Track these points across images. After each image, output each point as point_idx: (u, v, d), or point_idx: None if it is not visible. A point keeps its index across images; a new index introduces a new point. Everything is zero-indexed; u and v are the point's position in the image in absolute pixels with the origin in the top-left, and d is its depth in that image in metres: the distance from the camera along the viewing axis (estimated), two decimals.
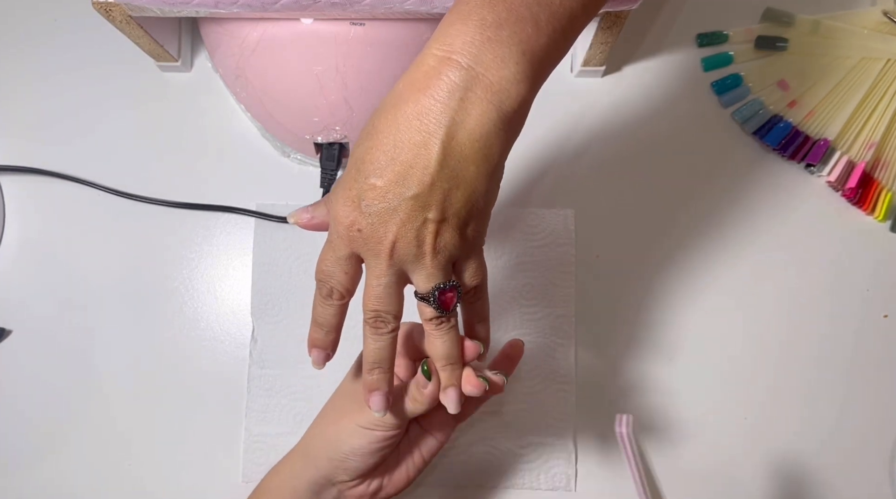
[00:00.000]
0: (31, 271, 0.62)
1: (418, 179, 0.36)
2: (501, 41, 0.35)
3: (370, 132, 0.37)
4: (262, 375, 0.60)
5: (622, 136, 0.64)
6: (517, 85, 0.36)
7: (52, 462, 0.59)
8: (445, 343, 0.41)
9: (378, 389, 0.41)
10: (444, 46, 0.36)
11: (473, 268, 0.41)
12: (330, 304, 0.41)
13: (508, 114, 0.36)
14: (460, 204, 0.37)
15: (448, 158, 0.36)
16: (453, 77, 0.35)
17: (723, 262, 0.62)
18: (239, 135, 0.64)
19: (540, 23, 0.36)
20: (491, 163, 0.37)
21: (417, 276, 0.39)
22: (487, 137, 0.36)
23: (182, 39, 0.63)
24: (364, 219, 0.37)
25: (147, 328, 0.61)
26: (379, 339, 0.40)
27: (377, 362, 0.41)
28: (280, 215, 0.61)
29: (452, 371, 0.42)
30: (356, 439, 0.45)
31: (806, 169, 0.64)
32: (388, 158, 0.36)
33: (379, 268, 0.38)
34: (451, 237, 0.38)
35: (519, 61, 0.36)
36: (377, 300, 0.39)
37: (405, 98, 0.36)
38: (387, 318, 0.40)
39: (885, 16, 0.65)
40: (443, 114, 0.35)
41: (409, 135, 0.35)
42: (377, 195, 0.36)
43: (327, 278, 0.40)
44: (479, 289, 0.42)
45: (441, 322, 0.40)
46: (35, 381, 0.61)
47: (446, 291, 0.39)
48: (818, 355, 0.61)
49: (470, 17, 0.36)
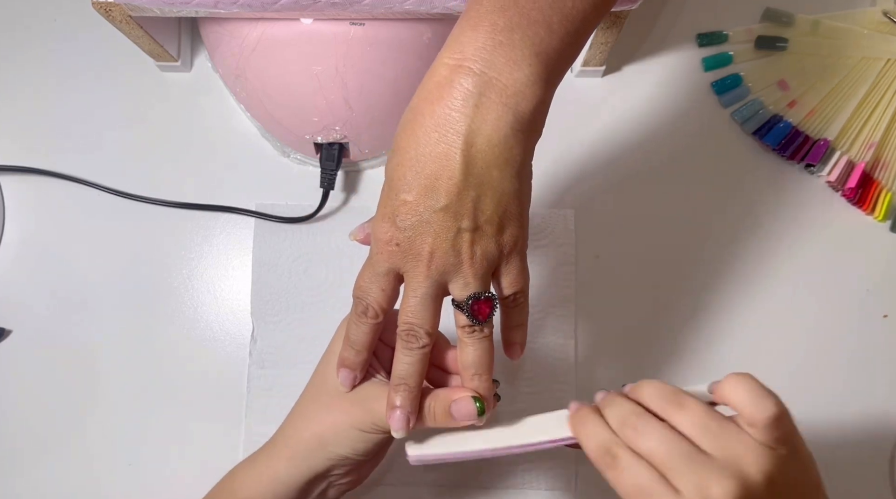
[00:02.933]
0: (31, 271, 0.62)
1: (445, 189, 0.36)
2: (514, 45, 0.35)
3: (395, 150, 0.37)
4: (262, 374, 0.60)
5: (622, 136, 0.64)
6: (531, 87, 0.36)
7: (52, 462, 0.59)
8: (477, 351, 0.40)
9: (401, 408, 0.40)
10: (455, 54, 0.36)
11: (514, 274, 0.40)
12: (364, 322, 0.41)
13: (525, 116, 0.36)
14: (491, 210, 0.37)
15: (471, 166, 0.36)
16: (466, 84, 0.35)
17: (722, 262, 0.62)
18: (239, 135, 0.64)
19: (552, 25, 0.36)
20: (514, 166, 0.37)
21: (455, 284, 0.39)
22: (506, 140, 0.36)
23: (182, 39, 0.63)
24: (401, 234, 0.37)
25: (147, 328, 0.61)
26: (410, 353, 0.40)
27: (404, 378, 0.40)
28: (280, 215, 0.61)
29: (481, 381, 0.41)
30: (359, 443, 0.43)
31: (806, 169, 0.63)
32: (414, 172, 0.36)
33: (417, 279, 0.38)
34: (488, 245, 0.38)
35: (532, 63, 0.35)
36: (412, 313, 0.39)
37: (421, 111, 0.36)
38: (419, 332, 0.39)
39: (885, 16, 0.65)
40: (460, 122, 0.35)
41: (430, 147, 0.36)
42: (409, 210, 0.37)
43: (364, 295, 0.40)
44: (519, 295, 0.41)
45: (473, 331, 0.40)
46: (35, 381, 0.60)
47: (480, 301, 0.39)
48: (818, 355, 0.61)
49: (481, 24, 0.35)
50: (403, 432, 0.40)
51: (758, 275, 0.62)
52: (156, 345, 0.61)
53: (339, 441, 0.43)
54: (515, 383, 0.60)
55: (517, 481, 0.59)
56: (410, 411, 0.40)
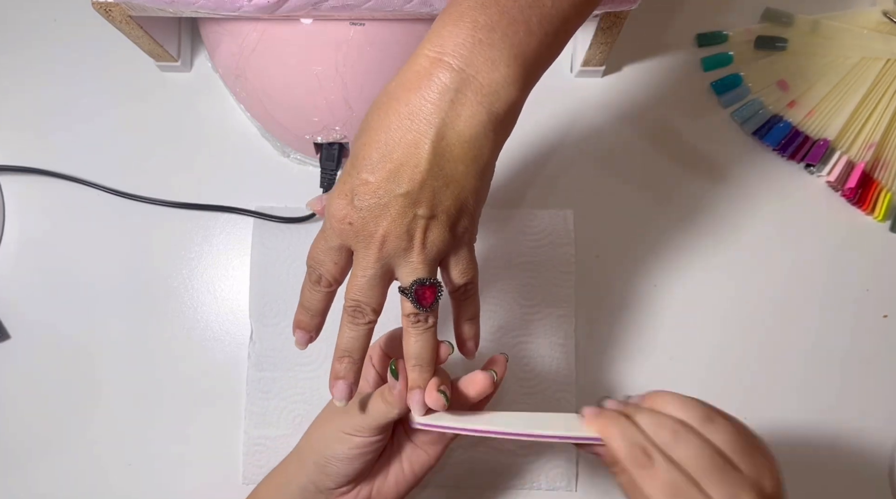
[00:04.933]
0: (31, 271, 0.62)
1: (409, 176, 0.36)
2: (493, 44, 0.36)
3: (364, 129, 0.38)
4: (260, 377, 0.60)
5: (622, 136, 0.64)
6: (507, 87, 0.36)
7: (52, 463, 0.59)
8: (419, 342, 0.41)
9: (344, 378, 0.41)
10: (435, 47, 0.36)
11: (463, 265, 0.41)
12: (318, 290, 0.42)
13: (498, 116, 0.37)
14: (450, 202, 0.38)
15: (438, 158, 0.36)
16: (444, 79, 0.36)
17: (722, 262, 0.62)
18: (239, 135, 0.64)
19: (532, 25, 0.36)
20: (480, 163, 0.37)
21: (402, 269, 0.40)
22: (477, 138, 0.36)
23: (182, 39, 0.63)
24: (356, 213, 0.38)
25: (146, 328, 0.61)
26: (355, 328, 0.41)
27: (348, 351, 0.41)
28: (279, 216, 0.61)
29: (420, 373, 0.42)
30: (338, 444, 0.45)
31: (806, 169, 0.64)
32: (381, 155, 0.37)
33: (367, 260, 0.39)
34: (440, 233, 0.38)
35: (510, 64, 0.36)
36: (359, 291, 0.40)
37: (397, 97, 0.37)
38: (366, 309, 0.40)
39: (885, 16, 0.65)
40: (433, 114, 0.36)
41: (401, 134, 0.36)
42: (369, 191, 0.37)
43: (317, 265, 0.41)
44: (469, 287, 0.42)
45: (418, 320, 0.41)
46: (34, 381, 0.60)
47: (425, 286, 0.40)
48: (818, 355, 0.61)
49: (462, 20, 0.36)
50: (344, 401, 0.41)
51: (757, 275, 0.62)
52: (156, 345, 0.61)
53: (326, 443, 0.45)
54: (515, 383, 0.60)
55: (517, 482, 0.59)
56: (353, 382, 0.41)
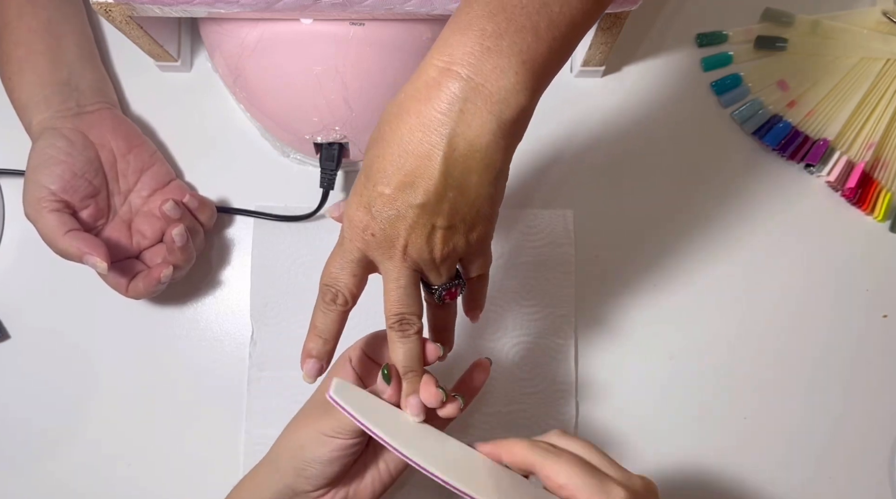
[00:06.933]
0: (31, 271, 0.62)
1: (424, 188, 0.37)
2: (501, 51, 0.36)
3: (377, 140, 0.38)
4: (261, 377, 0.60)
5: (622, 136, 0.64)
6: (517, 95, 0.36)
7: (52, 463, 0.59)
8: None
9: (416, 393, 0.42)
10: (444, 57, 0.36)
11: (480, 262, 0.43)
12: (332, 309, 0.41)
13: (508, 123, 0.37)
14: (466, 210, 0.38)
15: (451, 169, 0.36)
16: (453, 88, 0.36)
17: (722, 262, 0.62)
18: (239, 135, 0.64)
19: (540, 31, 0.36)
20: (493, 171, 0.37)
21: (427, 274, 0.41)
22: (488, 146, 0.36)
23: (182, 39, 0.63)
24: (376, 223, 0.38)
25: (147, 328, 0.61)
26: (407, 341, 0.41)
27: (410, 366, 0.41)
28: (279, 215, 0.61)
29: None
30: (318, 446, 0.44)
31: (805, 169, 0.64)
32: (395, 167, 0.37)
33: (395, 270, 0.39)
34: (460, 241, 0.39)
35: (518, 71, 0.36)
36: (399, 303, 0.40)
37: (408, 108, 0.37)
38: (411, 318, 0.40)
39: (885, 16, 0.65)
40: (444, 125, 0.36)
41: (413, 146, 0.36)
42: (385, 202, 0.38)
43: (333, 282, 0.41)
44: (483, 277, 0.45)
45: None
46: (34, 381, 0.60)
47: (451, 289, 0.42)
48: (818, 355, 0.61)
49: (470, 28, 0.36)
50: (419, 417, 0.42)
51: (757, 275, 0.62)
52: (156, 345, 0.61)
53: (304, 445, 0.45)
54: (515, 383, 0.60)
55: None
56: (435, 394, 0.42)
